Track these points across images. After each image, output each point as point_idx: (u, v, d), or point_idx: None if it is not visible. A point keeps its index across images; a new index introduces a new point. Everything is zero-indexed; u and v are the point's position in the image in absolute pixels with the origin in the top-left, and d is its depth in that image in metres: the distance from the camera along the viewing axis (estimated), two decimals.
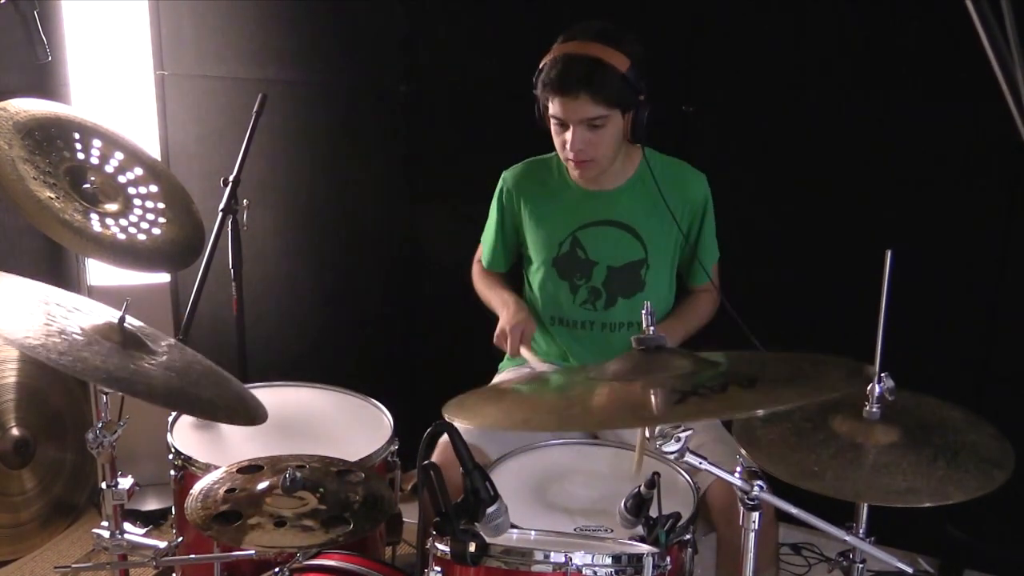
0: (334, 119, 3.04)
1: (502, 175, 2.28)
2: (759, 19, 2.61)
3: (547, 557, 1.52)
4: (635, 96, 1.99)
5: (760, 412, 1.42)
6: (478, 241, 2.42)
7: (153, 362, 1.67)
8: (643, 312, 1.46)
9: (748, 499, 1.39)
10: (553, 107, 2.02)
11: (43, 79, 2.87)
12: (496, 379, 2.28)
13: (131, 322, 1.74)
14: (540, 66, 2.04)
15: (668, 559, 1.54)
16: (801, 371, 1.43)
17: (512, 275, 2.39)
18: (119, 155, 2.08)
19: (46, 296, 1.74)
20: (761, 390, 1.29)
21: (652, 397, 1.33)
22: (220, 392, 1.76)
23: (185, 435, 2.08)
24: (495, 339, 2.17)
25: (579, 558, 1.51)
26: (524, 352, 2.12)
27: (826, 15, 2.55)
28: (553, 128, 2.07)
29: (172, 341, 1.85)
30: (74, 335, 1.60)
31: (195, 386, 1.70)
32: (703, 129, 2.68)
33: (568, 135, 2.02)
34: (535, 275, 2.25)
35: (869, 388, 1.48)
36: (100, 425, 1.76)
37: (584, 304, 2.19)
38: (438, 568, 1.53)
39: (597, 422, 1.51)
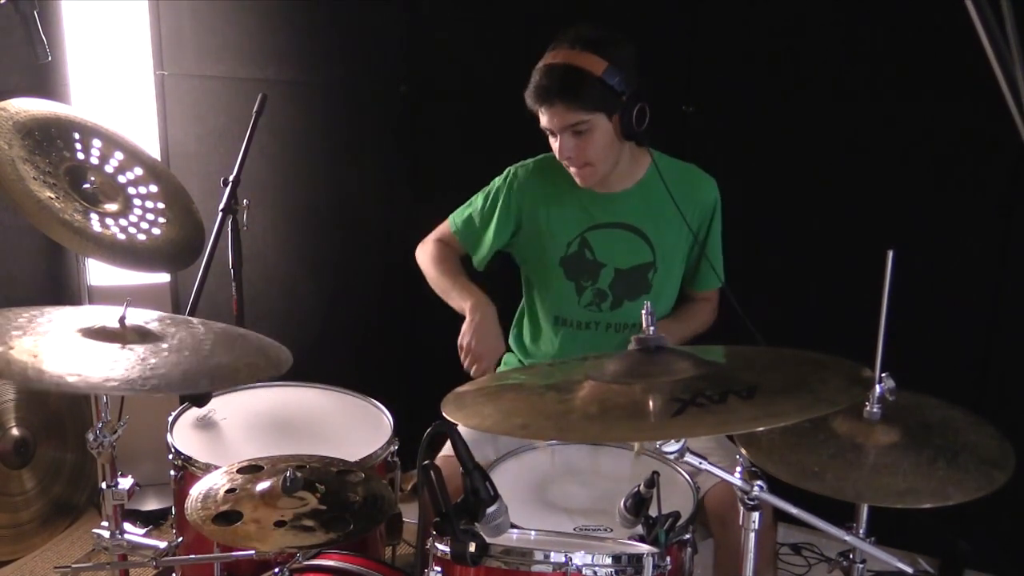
0: (334, 119, 3.04)
1: (512, 170, 2.23)
2: (759, 19, 2.61)
3: (547, 557, 1.52)
4: (616, 97, 1.98)
5: (759, 429, 1.42)
6: None
7: (165, 348, 1.65)
8: (643, 312, 1.46)
9: (748, 499, 1.39)
10: (541, 118, 2.05)
11: (43, 79, 2.86)
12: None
13: (132, 315, 1.71)
14: (530, 79, 2.05)
15: (668, 559, 1.54)
16: (802, 377, 1.43)
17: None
18: (119, 155, 2.08)
19: (38, 315, 1.71)
20: (760, 402, 1.29)
21: (650, 404, 1.32)
22: (238, 352, 1.74)
23: (185, 435, 2.08)
24: (460, 347, 2.04)
25: (579, 558, 1.51)
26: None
27: (826, 15, 2.55)
28: (549, 136, 2.09)
29: (178, 318, 1.81)
30: (78, 347, 1.59)
31: (211, 356, 1.68)
32: (703, 129, 2.68)
33: (557, 143, 2.05)
34: (540, 274, 2.23)
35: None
36: (100, 425, 1.76)
37: (589, 306, 2.17)
38: (438, 568, 1.53)
39: (594, 433, 1.51)
